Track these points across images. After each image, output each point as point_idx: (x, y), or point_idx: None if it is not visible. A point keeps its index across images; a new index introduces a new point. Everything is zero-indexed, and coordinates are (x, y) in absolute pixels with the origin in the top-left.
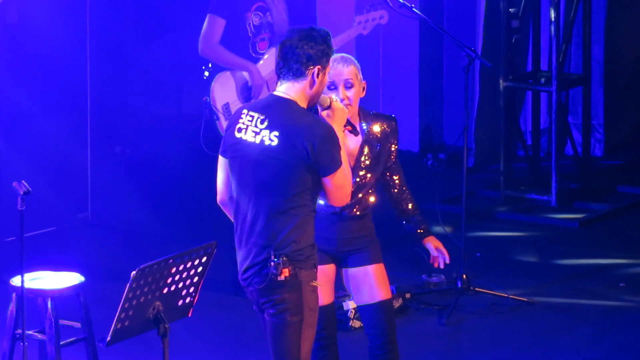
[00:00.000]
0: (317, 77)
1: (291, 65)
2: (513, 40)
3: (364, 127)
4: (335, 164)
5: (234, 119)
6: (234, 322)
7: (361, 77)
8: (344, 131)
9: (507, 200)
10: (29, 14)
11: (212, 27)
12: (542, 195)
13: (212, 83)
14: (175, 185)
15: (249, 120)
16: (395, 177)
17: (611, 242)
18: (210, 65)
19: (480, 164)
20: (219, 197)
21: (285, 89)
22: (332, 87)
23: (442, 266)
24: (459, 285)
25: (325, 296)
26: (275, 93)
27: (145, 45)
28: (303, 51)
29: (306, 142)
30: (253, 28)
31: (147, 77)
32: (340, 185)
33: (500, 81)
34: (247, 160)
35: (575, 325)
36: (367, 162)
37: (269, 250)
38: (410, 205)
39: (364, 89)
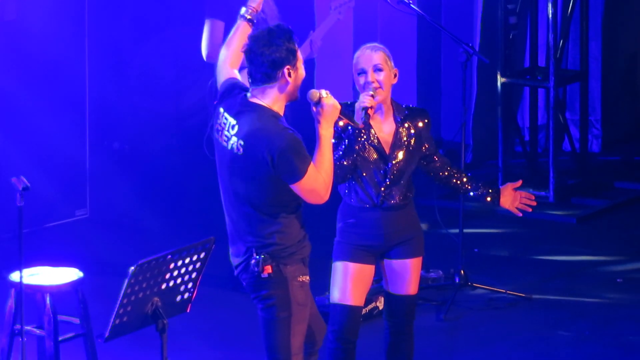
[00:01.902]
0: (290, 76)
1: (261, 72)
2: (510, 37)
3: (398, 118)
4: (298, 173)
5: (215, 118)
6: (232, 318)
7: (392, 64)
8: (345, 124)
9: None
10: (28, 11)
11: (212, 31)
12: (539, 191)
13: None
14: (173, 181)
15: (223, 123)
16: (436, 160)
17: (609, 238)
18: None
19: (478, 159)
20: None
21: (258, 94)
22: (362, 72)
23: (530, 210)
24: (457, 281)
25: (355, 297)
26: (249, 98)
27: (143, 41)
28: (267, 57)
29: (266, 153)
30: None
31: (146, 73)
32: (310, 190)
33: (498, 77)
34: (223, 164)
35: (572, 320)
36: (402, 150)
37: (252, 249)
38: (460, 180)
39: (395, 75)
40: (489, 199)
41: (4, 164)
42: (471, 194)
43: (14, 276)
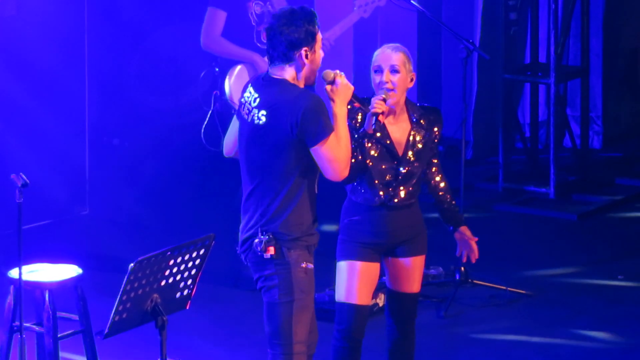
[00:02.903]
0: (307, 58)
1: (279, 51)
2: (511, 33)
3: (413, 118)
4: (322, 132)
5: (243, 89)
6: (232, 314)
7: (411, 67)
8: (353, 107)
9: (506, 193)
10: (27, 7)
11: (212, 19)
12: (540, 187)
13: (227, 77)
14: (173, 177)
15: (248, 96)
16: (433, 168)
17: (609, 234)
18: (219, 60)
19: (479, 156)
20: (225, 151)
21: (278, 72)
22: (378, 70)
23: (464, 260)
24: (457, 278)
25: (362, 296)
26: (270, 74)
27: (143, 37)
28: (286, 37)
29: (291, 115)
30: (256, 17)
31: (145, 69)
32: (330, 158)
33: (499, 73)
34: (243, 137)
35: (573, 317)
36: (414, 151)
37: (258, 227)
38: (442, 197)
39: (412, 79)
40: (450, 227)
41: (4, 161)
42: (439, 212)
43: (13, 273)
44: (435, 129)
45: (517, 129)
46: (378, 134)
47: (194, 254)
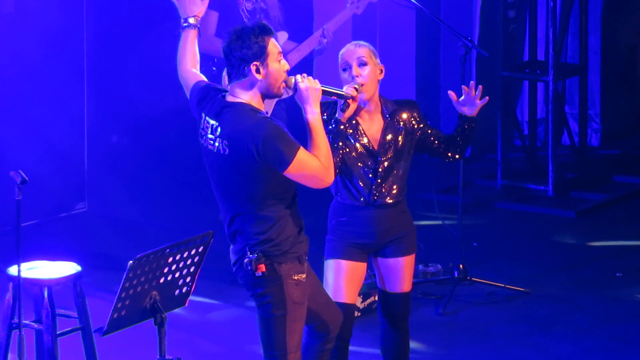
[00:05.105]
0: (259, 72)
1: (235, 67)
2: (510, 30)
3: (387, 114)
4: (286, 157)
5: (198, 124)
6: (231, 311)
7: (377, 60)
8: (332, 101)
9: (504, 190)
10: (26, 3)
11: (205, 21)
12: (538, 185)
13: (224, 72)
14: (172, 174)
15: (206, 127)
16: (432, 137)
17: (608, 231)
18: (216, 60)
19: (477, 153)
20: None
21: (235, 92)
22: (346, 68)
23: (476, 100)
24: (456, 275)
25: (348, 295)
26: (226, 98)
27: (143, 33)
28: (236, 54)
29: (251, 146)
30: (247, 13)
31: (145, 66)
32: (305, 174)
33: (497, 71)
34: (212, 167)
35: (571, 314)
36: (391, 147)
37: (245, 247)
38: (449, 143)
39: (381, 71)
40: (466, 126)
41: (3, 158)
42: (459, 139)
43: (12, 270)
44: (417, 125)
45: (515, 126)
46: (350, 130)
47: (193, 251)
